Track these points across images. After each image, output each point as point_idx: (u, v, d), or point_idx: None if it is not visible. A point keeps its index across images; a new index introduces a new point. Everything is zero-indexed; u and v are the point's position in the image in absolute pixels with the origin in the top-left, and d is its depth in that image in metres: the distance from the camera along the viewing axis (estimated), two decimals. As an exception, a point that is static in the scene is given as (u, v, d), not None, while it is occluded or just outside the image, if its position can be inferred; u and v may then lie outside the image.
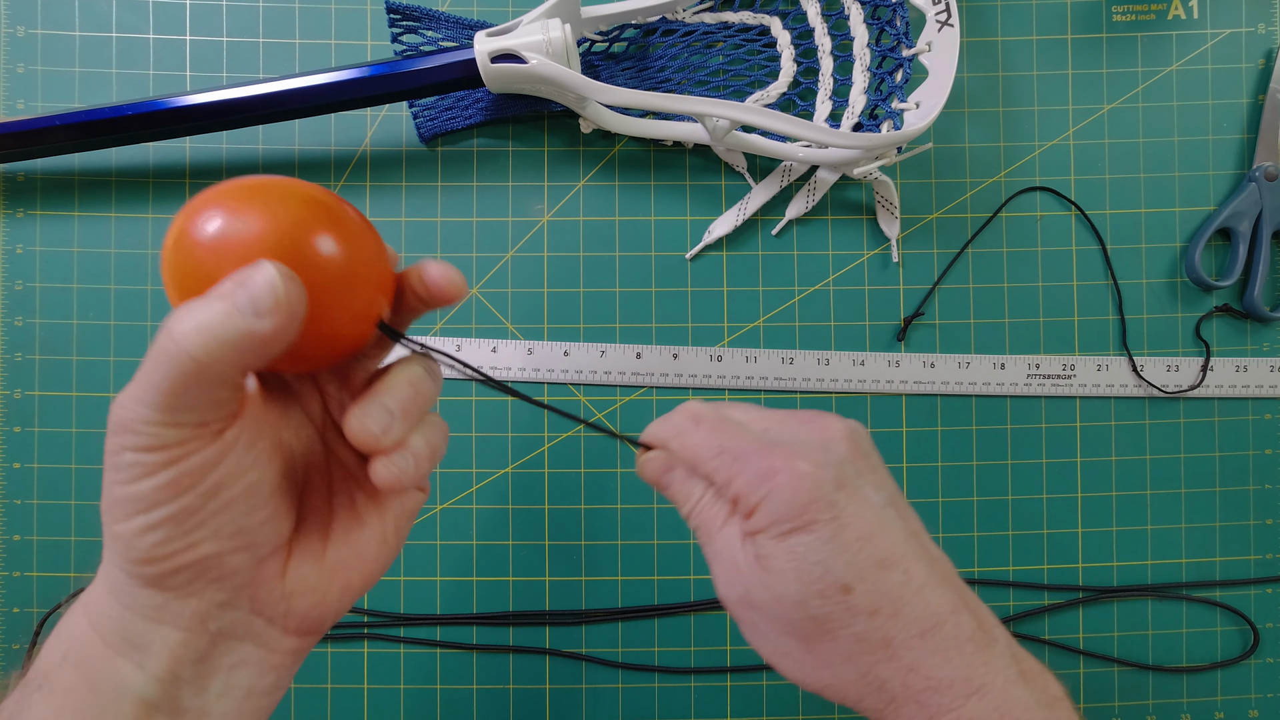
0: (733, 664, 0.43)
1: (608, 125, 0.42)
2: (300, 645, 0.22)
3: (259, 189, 0.19)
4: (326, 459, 0.23)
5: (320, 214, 0.19)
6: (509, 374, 0.44)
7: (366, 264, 0.20)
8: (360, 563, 0.22)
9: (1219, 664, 0.44)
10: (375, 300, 0.21)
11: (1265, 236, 0.44)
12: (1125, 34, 0.45)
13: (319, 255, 0.19)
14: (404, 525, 0.24)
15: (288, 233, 0.19)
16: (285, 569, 0.21)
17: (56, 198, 0.43)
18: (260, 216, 0.18)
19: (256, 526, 0.20)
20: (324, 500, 0.23)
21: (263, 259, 0.17)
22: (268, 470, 0.20)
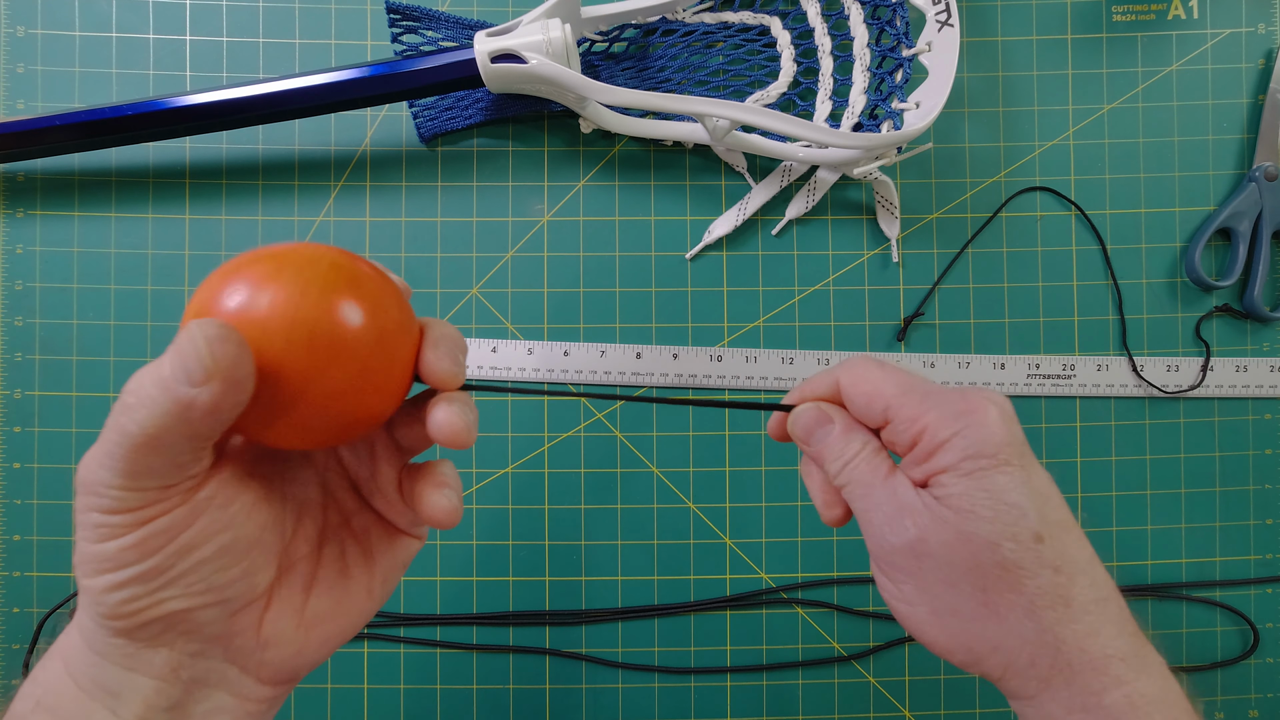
0: (732, 664, 0.43)
1: (608, 125, 0.42)
2: (277, 693, 0.22)
3: (280, 258, 0.18)
4: (324, 505, 0.23)
5: (342, 284, 0.18)
6: (509, 374, 0.44)
7: (390, 333, 0.19)
8: (342, 616, 0.22)
9: (1219, 664, 0.44)
10: (403, 366, 0.20)
11: (1265, 236, 0.44)
12: (1125, 34, 0.45)
13: (340, 327, 0.18)
14: (393, 577, 0.23)
15: (303, 307, 0.18)
16: (262, 621, 0.20)
17: (56, 198, 0.43)
18: (276, 289, 0.18)
19: (228, 583, 0.19)
20: (312, 550, 0.22)
21: (195, 319, 0.16)
22: (245, 528, 0.20)
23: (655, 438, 0.44)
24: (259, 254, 0.19)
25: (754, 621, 0.44)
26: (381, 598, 0.23)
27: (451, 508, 0.21)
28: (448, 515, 0.21)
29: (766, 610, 0.44)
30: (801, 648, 0.44)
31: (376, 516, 0.23)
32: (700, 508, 0.44)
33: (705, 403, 0.25)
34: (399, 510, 0.23)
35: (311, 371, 0.18)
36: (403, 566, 0.23)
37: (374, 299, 0.19)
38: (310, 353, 0.18)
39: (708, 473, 0.44)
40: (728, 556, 0.44)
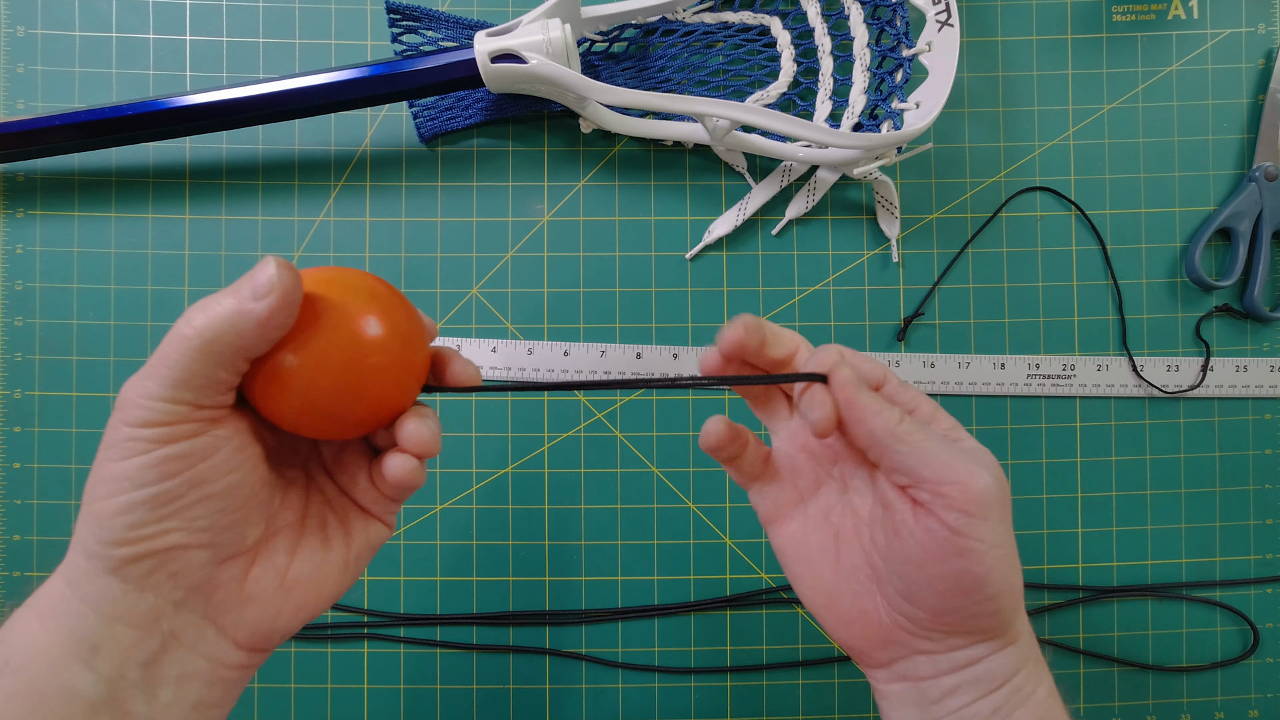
0: (732, 664, 0.43)
1: (608, 125, 0.42)
2: (248, 660, 0.22)
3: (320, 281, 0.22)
4: (308, 484, 0.25)
5: (369, 303, 0.22)
6: (509, 374, 0.44)
7: (414, 345, 0.23)
8: (318, 584, 0.23)
9: (1219, 664, 0.44)
10: (415, 372, 0.23)
11: (1265, 236, 0.44)
12: (1125, 34, 0.45)
13: (366, 339, 0.21)
14: (365, 557, 0.25)
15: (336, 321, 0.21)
16: (247, 575, 0.22)
17: (56, 198, 0.43)
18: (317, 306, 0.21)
19: (225, 527, 0.21)
20: (297, 519, 0.24)
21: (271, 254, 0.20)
22: (249, 476, 0.21)
23: (655, 438, 0.44)
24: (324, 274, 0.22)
25: (754, 621, 0.44)
26: (354, 575, 0.25)
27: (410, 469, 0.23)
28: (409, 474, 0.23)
29: (766, 610, 0.44)
30: (801, 648, 0.44)
31: (352, 501, 0.25)
32: (700, 508, 0.44)
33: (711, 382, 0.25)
34: (369, 496, 0.25)
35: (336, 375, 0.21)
36: (372, 549, 0.25)
37: (391, 318, 0.22)
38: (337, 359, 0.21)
39: (708, 473, 0.44)
40: (728, 556, 0.44)
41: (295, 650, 0.43)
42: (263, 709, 0.43)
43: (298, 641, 0.43)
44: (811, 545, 0.27)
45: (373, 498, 0.25)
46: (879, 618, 0.25)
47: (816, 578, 0.26)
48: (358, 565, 0.25)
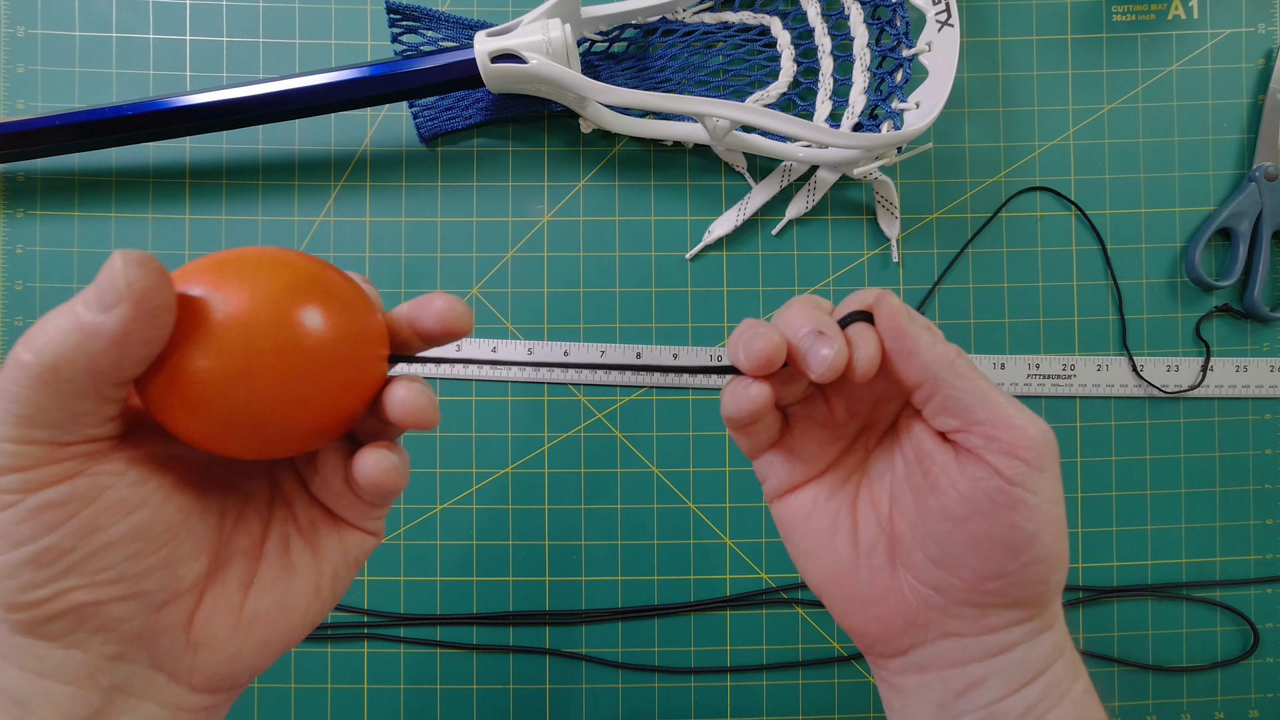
0: (732, 664, 0.43)
1: (608, 125, 0.42)
2: (214, 702, 0.20)
3: (244, 263, 0.18)
4: (270, 498, 0.21)
5: (308, 290, 0.18)
6: (509, 374, 0.44)
7: (358, 339, 0.19)
8: (285, 616, 0.20)
9: (1219, 664, 0.44)
10: (371, 372, 0.19)
11: (1265, 236, 0.44)
12: (1125, 34, 0.45)
13: (305, 334, 0.17)
14: (344, 576, 0.21)
15: (267, 313, 0.17)
16: (192, 620, 0.19)
17: (56, 198, 0.43)
18: (238, 291, 0.17)
19: (145, 573, 0.17)
20: (254, 544, 0.20)
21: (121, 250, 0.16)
22: (161, 512, 0.18)
23: (655, 438, 0.44)
24: (226, 255, 0.18)
25: (754, 621, 0.44)
26: (332, 597, 0.21)
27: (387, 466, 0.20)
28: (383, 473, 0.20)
29: (766, 610, 0.44)
30: (801, 648, 0.44)
31: (324, 510, 0.22)
32: (700, 508, 0.44)
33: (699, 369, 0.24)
34: (347, 501, 0.21)
35: (274, 378, 0.17)
36: (355, 565, 0.22)
37: (338, 306, 0.18)
38: (273, 359, 0.17)
39: (708, 473, 0.44)
40: (728, 556, 0.44)
41: (295, 650, 0.43)
42: (263, 709, 0.43)
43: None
44: (823, 518, 0.24)
45: (350, 503, 0.21)
46: (901, 595, 0.22)
47: (827, 554, 0.24)
48: (335, 587, 0.21)
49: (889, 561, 0.23)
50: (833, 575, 0.24)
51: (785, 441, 0.25)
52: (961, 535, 0.21)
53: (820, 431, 0.25)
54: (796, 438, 0.25)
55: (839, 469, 0.25)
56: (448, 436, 0.44)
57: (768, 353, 0.21)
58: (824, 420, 0.25)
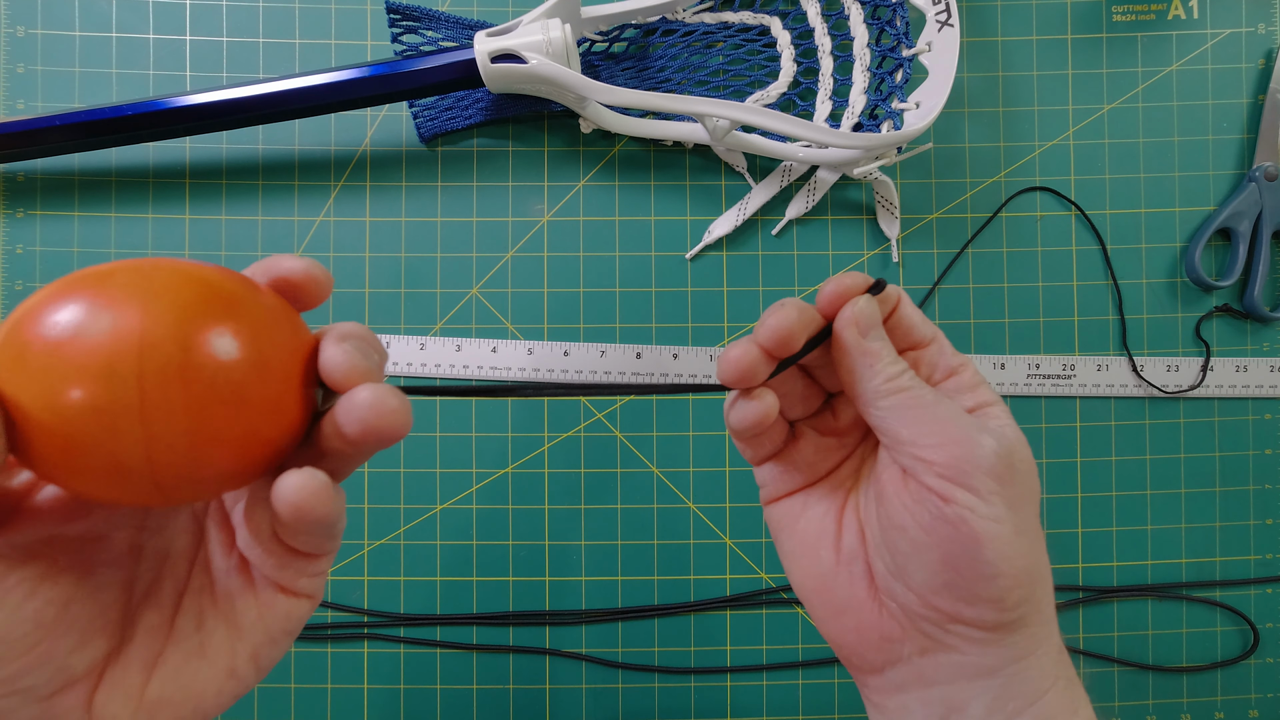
0: (732, 664, 0.43)
1: (608, 125, 0.42)
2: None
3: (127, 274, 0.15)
4: (192, 558, 0.19)
5: (213, 302, 0.15)
6: (509, 374, 0.44)
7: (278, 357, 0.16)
8: (194, 700, 0.18)
9: (1219, 664, 0.44)
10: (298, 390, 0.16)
11: (1265, 236, 0.44)
12: (1125, 34, 0.45)
13: (210, 354, 0.14)
14: (267, 654, 0.19)
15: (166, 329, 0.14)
16: (90, 705, 0.17)
17: (56, 198, 0.43)
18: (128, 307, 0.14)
19: (19, 674, 0.16)
20: (163, 618, 0.18)
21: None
22: (21, 610, 0.16)
23: (655, 438, 0.44)
24: (100, 270, 0.15)
25: (754, 621, 0.44)
26: (254, 675, 0.19)
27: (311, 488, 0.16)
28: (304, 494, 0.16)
29: (766, 610, 0.44)
30: (801, 648, 0.44)
31: (247, 577, 0.19)
32: (700, 508, 0.44)
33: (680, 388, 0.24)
34: (277, 558, 0.18)
35: (174, 412, 0.14)
36: (284, 636, 0.19)
37: (259, 325, 0.15)
38: (167, 390, 0.14)
39: (708, 473, 0.44)
40: (728, 556, 0.44)
41: (295, 650, 0.43)
42: (263, 709, 0.43)
43: (298, 641, 0.43)
44: (810, 522, 0.24)
45: (280, 558, 0.18)
46: (875, 607, 0.22)
47: (810, 559, 0.24)
48: (256, 665, 0.19)
49: (866, 571, 0.23)
50: (814, 581, 0.24)
51: (788, 451, 0.25)
52: (906, 545, 0.21)
53: (824, 440, 0.25)
54: (800, 448, 0.25)
55: (835, 476, 0.25)
56: (448, 437, 0.44)
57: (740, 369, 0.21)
58: (829, 429, 0.25)
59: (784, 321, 0.21)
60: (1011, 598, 0.20)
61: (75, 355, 0.14)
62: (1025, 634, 0.20)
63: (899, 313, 0.24)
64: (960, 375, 0.23)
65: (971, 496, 0.19)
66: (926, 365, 0.24)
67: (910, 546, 0.21)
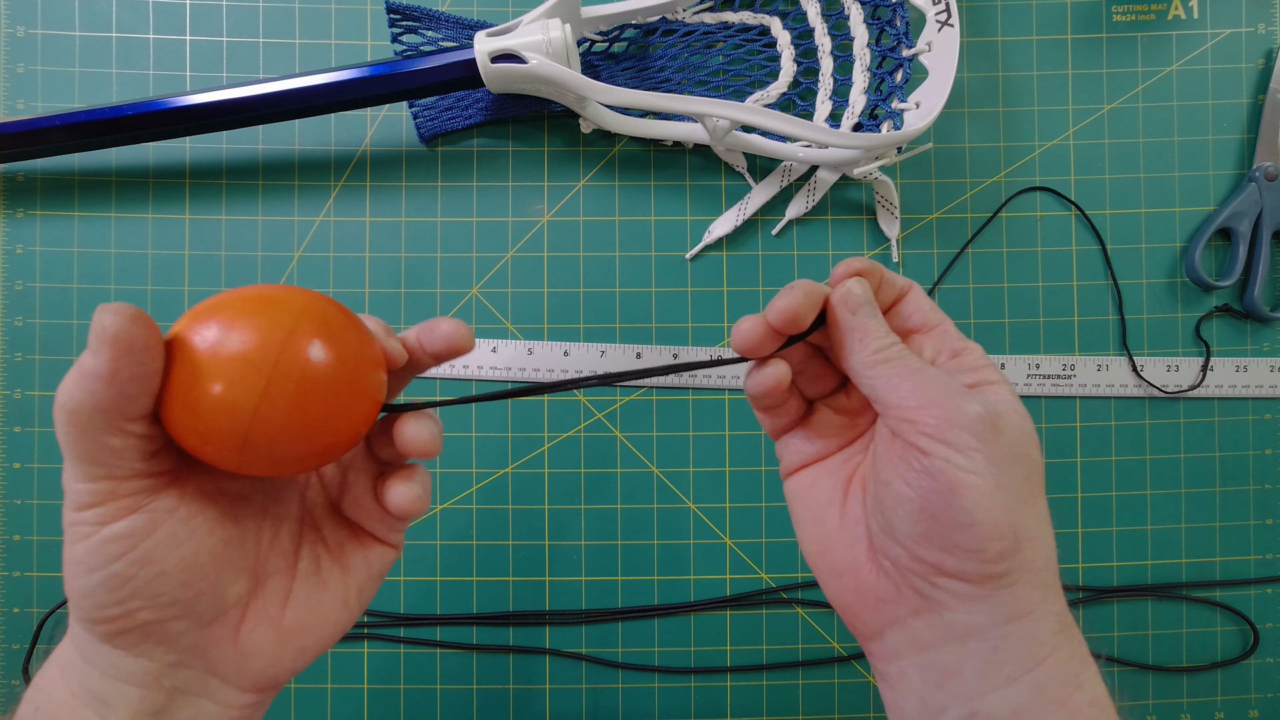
0: (732, 664, 0.43)
1: (608, 125, 0.42)
2: (258, 700, 0.22)
3: (252, 301, 0.20)
4: (300, 519, 0.24)
5: (312, 325, 0.20)
6: (509, 374, 0.44)
7: (358, 369, 0.21)
8: (318, 626, 0.23)
9: (1219, 664, 0.44)
10: (370, 398, 0.21)
11: (1265, 236, 0.44)
12: (1125, 34, 0.45)
13: (310, 364, 0.19)
14: (368, 589, 0.24)
15: (275, 346, 0.19)
16: (238, 633, 0.21)
17: (56, 198, 0.43)
18: (251, 329, 0.19)
19: (194, 598, 0.20)
20: (288, 563, 0.23)
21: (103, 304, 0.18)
22: (205, 544, 0.20)
23: (655, 438, 0.44)
24: (237, 295, 0.20)
25: (754, 621, 0.44)
26: (358, 608, 0.24)
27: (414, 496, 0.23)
28: (411, 502, 0.23)
29: (766, 610, 0.44)
30: (801, 648, 0.44)
31: (351, 529, 0.24)
32: (700, 508, 0.44)
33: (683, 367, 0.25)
34: (375, 517, 0.24)
35: (285, 403, 0.19)
36: (378, 577, 0.24)
37: (339, 339, 0.20)
38: (284, 387, 0.19)
39: (708, 473, 0.44)
40: (728, 556, 0.44)
41: (295, 650, 0.43)
42: (263, 709, 0.43)
43: (298, 641, 0.43)
44: (821, 491, 0.25)
45: (378, 519, 0.24)
46: (872, 568, 0.23)
47: (818, 524, 0.25)
48: (360, 599, 0.24)
49: (866, 534, 0.24)
50: (818, 544, 0.25)
51: (806, 425, 0.27)
52: (891, 498, 0.22)
53: (837, 418, 0.27)
54: (815, 423, 0.27)
55: (846, 451, 0.26)
56: (448, 437, 0.44)
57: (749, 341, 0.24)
58: (842, 408, 0.27)
59: (791, 304, 0.23)
60: (991, 549, 0.20)
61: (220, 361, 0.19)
62: (1014, 594, 0.21)
63: (907, 299, 0.25)
64: (964, 357, 0.24)
65: (950, 450, 0.21)
66: (931, 348, 0.25)
67: (894, 499, 0.22)
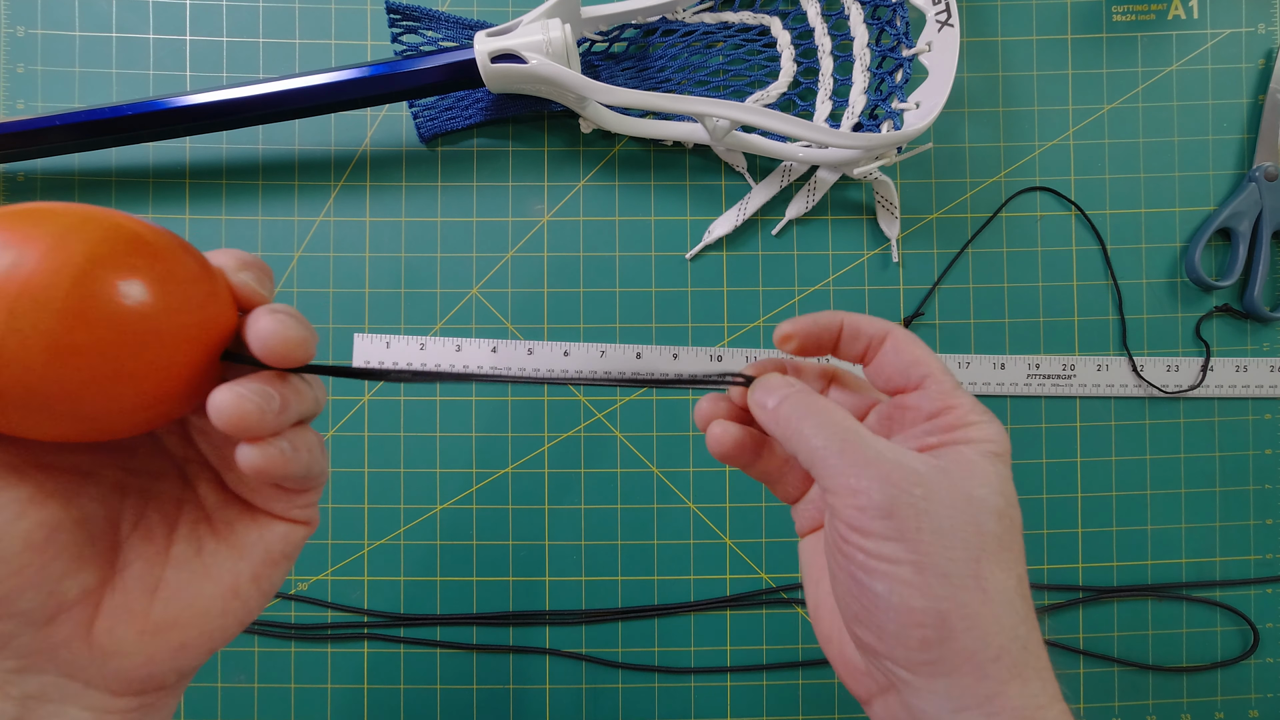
0: (732, 664, 0.43)
1: (608, 125, 0.42)
2: (141, 703, 0.19)
3: (40, 215, 0.15)
4: (179, 499, 0.20)
5: (124, 250, 0.15)
6: (509, 374, 0.44)
7: (186, 310, 0.16)
8: (201, 620, 0.19)
9: (1219, 664, 0.44)
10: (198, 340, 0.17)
11: (1265, 236, 0.44)
12: (1125, 34, 0.45)
13: (114, 303, 0.15)
14: (269, 574, 0.20)
15: (68, 272, 0.14)
16: (90, 631, 0.18)
17: (56, 198, 0.43)
18: (37, 249, 0.14)
19: (11, 595, 0.17)
20: (157, 549, 0.19)
21: None
22: (17, 528, 0.17)
23: (655, 438, 0.44)
24: (27, 207, 0.15)
25: (754, 621, 0.44)
26: (257, 597, 0.20)
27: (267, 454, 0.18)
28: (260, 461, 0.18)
29: (766, 610, 0.44)
30: (801, 648, 0.44)
31: (244, 504, 0.21)
32: (700, 508, 0.44)
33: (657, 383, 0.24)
34: (264, 490, 0.20)
35: (88, 350, 0.15)
36: (282, 559, 0.20)
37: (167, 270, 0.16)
38: (87, 329, 0.15)
39: (708, 473, 0.44)
40: (728, 556, 0.44)
41: (295, 650, 0.43)
42: (263, 709, 0.43)
43: (298, 642, 0.43)
44: (820, 557, 0.25)
45: (268, 492, 0.20)
46: (848, 640, 0.23)
47: (814, 588, 0.25)
48: (258, 586, 0.20)
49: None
50: (813, 608, 0.25)
51: (806, 496, 0.27)
52: (832, 576, 0.22)
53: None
54: (814, 494, 0.27)
55: None
56: (447, 436, 0.44)
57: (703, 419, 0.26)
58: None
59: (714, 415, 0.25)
60: (912, 637, 0.19)
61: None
62: (954, 682, 0.19)
63: (885, 349, 0.24)
64: (941, 417, 0.22)
65: (860, 536, 0.20)
66: (912, 410, 0.23)
67: (833, 578, 0.22)
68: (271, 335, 0.17)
